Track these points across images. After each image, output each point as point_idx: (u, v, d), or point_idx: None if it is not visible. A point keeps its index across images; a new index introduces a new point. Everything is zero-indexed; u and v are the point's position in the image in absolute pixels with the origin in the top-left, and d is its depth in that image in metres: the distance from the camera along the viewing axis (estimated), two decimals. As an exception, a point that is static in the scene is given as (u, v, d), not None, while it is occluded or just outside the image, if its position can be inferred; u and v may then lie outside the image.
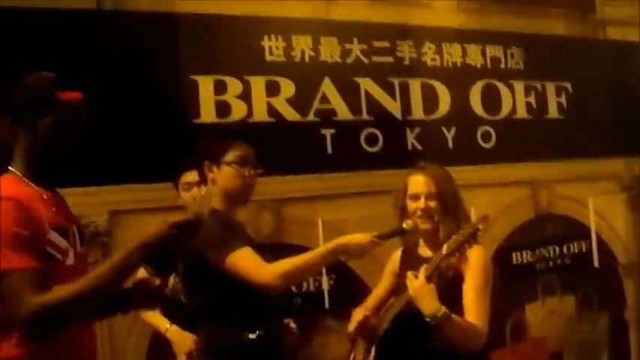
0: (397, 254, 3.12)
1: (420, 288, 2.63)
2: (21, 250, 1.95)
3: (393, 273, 3.08)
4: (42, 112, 2.12)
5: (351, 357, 2.95)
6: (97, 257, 4.01)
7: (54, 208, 2.13)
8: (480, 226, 2.73)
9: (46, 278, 1.96)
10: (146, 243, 1.99)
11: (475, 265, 2.78)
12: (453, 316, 2.61)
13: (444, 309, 2.58)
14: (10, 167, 2.14)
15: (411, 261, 2.95)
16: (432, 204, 2.85)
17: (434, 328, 2.62)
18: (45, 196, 2.12)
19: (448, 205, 2.85)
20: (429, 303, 2.61)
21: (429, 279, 2.65)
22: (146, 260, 2.06)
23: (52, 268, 2.02)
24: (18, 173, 2.12)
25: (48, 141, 2.12)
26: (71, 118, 2.17)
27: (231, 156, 2.88)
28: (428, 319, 2.59)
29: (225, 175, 2.88)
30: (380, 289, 3.12)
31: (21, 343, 1.97)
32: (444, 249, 2.69)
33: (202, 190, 3.36)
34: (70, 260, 2.11)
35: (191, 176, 3.51)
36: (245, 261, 2.72)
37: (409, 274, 2.70)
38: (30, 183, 2.11)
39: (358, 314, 2.94)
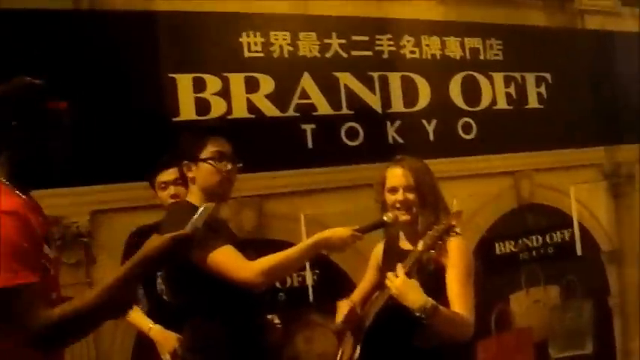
0: (379, 248, 3.14)
1: (402, 285, 2.64)
2: (28, 264, 1.97)
3: (376, 266, 3.10)
4: (27, 120, 2.12)
5: (340, 353, 2.96)
6: (78, 258, 4.00)
7: (40, 217, 2.15)
8: (454, 222, 2.76)
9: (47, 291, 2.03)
10: (149, 256, 2.03)
11: (455, 256, 2.80)
12: (441, 307, 2.62)
13: (430, 301, 2.60)
14: None
15: (392, 254, 2.97)
16: (410, 196, 2.88)
17: (420, 324, 2.62)
18: (32, 206, 2.15)
19: (426, 197, 2.88)
20: (414, 297, 2.62)
21: (408, 275, 2.66)
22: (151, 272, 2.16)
23: (46, 279, 2.05)
24: (5, 181, 2.11)
25: (31, 148, 2.13)
26: (58, 126, 2.18)
27: (207, 152, 2.88)
28: (417, 314, 2.60)
29: (202, 172, 2.88)
30: (365, 282, 3.15)
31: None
32: (420, 245, 2.71)
33: (179, 189, 3.37)
34: (53, 269, 2.15)
35: (167, 175, 3.53)
36: (226, 259, 2.73)
37: (389, 274, 2.72)
38: (19, 194, 2.11)
39: (344, 306, 2.95)
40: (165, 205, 3.51)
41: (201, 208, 2.18)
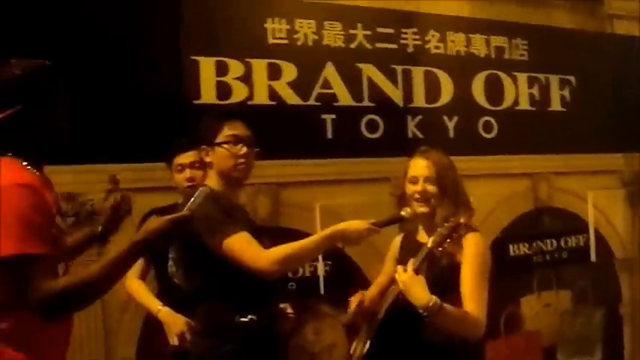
0: (397, 240, 3.12)
1: (408, 280, 2.62)
2: (39, 236, 2.08)
3: (393, 259, 3.08)
4: (32, 96, 2.23)
5: (353, 346, 2.95)
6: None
7: (53, 193, 2.29)
8: (462, 220, 2.72)
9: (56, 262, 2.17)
10: (148, 238, 2.19)
11: (471, 252, 2.78)
12: (445, 305, 2.59)
13: (434, 299, 2.57)
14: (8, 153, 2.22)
15: (409, 247, 2.96)
16: (430, 188, 2.86)
17: (427, 320, 2.60)
18: (45, 181, 2.26)
19: (446, 191, 2.85)
20: (419, 294, 2.60)
21: (417, 271, 2.63)
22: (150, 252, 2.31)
23: (57, 249, 2.20)
24: (18, 158, 2.21)
25: (41, 125, 2.24)
26: (62, 104, 2.33)
27: (222, 136, 2.87)
28: (420, 311, 2.58)
29: (218, 156, 2.87)
30: (383, 275, 3.13)
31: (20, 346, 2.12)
32: (429, 242, 2.69)
33: (195, 172, 3.39)
34: (64, 242, 2.34)
35: (185, 158, 3.52)
36: (242, 246, 2.71)
37: (398, 268, 2.70)
38: (32, 169, 2.22)
39: (354, 299, 2.94)
40: (181, 187, 3.52)
41: (197, 192, 2.31)
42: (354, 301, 2.97)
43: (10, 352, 2.12)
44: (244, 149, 2.88)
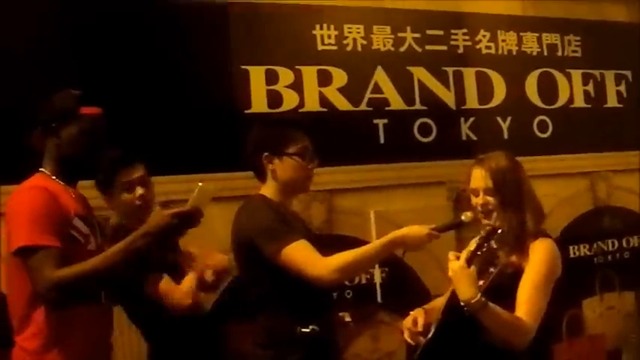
0: (473, 243, 3.03)
1: (459, 270, 2.54)
2: (47, 230, 2.32)
3: None
4: (65, 122, 2.52)
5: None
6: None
7: (79, 203, 2.54)
8: (497, 224, 2.64)
9: (69, 257, 2.32)
10: (150, 231, 2.32)
11: (536, 259, 2.68)
12: (491, 305, 2.50)
13: (479, 296, 2.48)
14: (40, 169, 2.55)
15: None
16: (490, 199, 2.76)
17: (468, 315, 2.52)
18: (72, 193, 2.54)
19: (506, 199, 2.75)
20: (465, 287, 2.51)
21: (469, 262, 2.55)
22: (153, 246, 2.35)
23: (76, 249, 2.40)
24: (47, 172, 2.53)
25: (70, 147, 2.52)
26: (91, 128, 2.55)
27: (294, 147, 2.83)
28: (462, 304, 2.50)
29: (286, 166, 2.83)
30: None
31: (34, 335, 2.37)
32: (472, 245, 2.61)
33: (144, 190, 3.14)
34: (92, 246, 2.50)
35: (132, 173, 3.13)
36: (301, 254, 2.67)
37: (450, 254, 2.62)
38: (58, 180, 2.52)
39: (408, 320, 2.83)
40: (128, 209, 3.12)
41: (199, 186, 2.36)
42: (408, 320, 2.88)
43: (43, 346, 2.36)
44: (315, 163, 2.87)
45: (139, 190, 3.11)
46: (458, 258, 2.57)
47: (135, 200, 3.11)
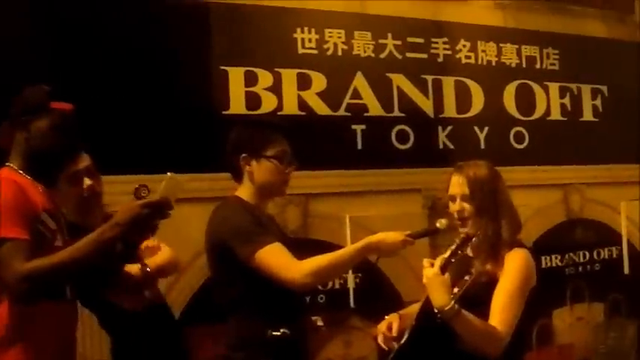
0: (448, 250, 3.03)
1: (433, 277, 2.54)
2: (16, 222, 2.28)
3: None
4: (35, 116, 2.48)
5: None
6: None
7: (47, 198, 2.47)
8: (471, 231, 2.65)
9: (36, 252, 2.27)
10: (120, 222, 2.25)
11: (511, 269, 2.69)
12: (465, 313, 2.50)
13: (452, 304, 2.49)
14: (7, 163, 2.49)
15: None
16: (467, 206, 2.77)
17: (441, 322, 2.53)
18: (40, 188, 2.47)
19: (482, 207, 2.76)
20: (439, 294, 2.52)
21: (443, 269, 2.56)
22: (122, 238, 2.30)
23: (43, 245, 2.34)
24: (14, 167, 2.47)
25: (39, 141, 2.47)
26: (61, 123, 2.50)
27: (272, 150, 2.82)
28: (435, 311, 2.51)
29: (264, 169, 2.82)
30: None
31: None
32: (446, 253, 2.61)
33: (93, 180, 3.01)
34: (59, 242, 2.44)
35: (80, 163, 2.95)
36: (275, 257, 2.67)
37: (425, 261, 2.62)
38: (25, 175, 2.46)
39: (382, 325, 2.84)
40: (77, 203, 2.96)
41: (167, 176, 2.31)
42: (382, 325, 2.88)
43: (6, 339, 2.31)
44: (293, 167, 2.86)
45: (87, 181, 2.96)
46: (432, 265, 2.58)
47: (82, 192, 2.95)
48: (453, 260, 2.56)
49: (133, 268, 2.90)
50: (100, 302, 2.98)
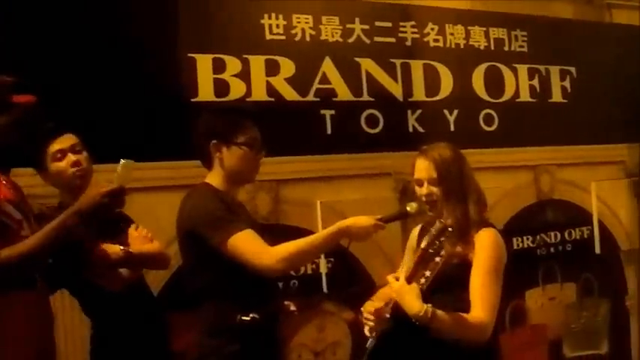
0: (416, 230, 3.04)
1: (400, 289, 2.56)
2: None
3: (412, 250, 3.00)
4: None
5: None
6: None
7: (11, 189, 2.52)
8: (449, 221, 2.65)
9: (1, 242, 2.34)
10: (81, 210, 2.39)
11: (482, 249, 2.70)
12: (439, 312, 2.52)
13: (425, 308, 2.50)
14: None
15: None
16: (434, 189, 2.78)
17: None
18: (2, 179, 2.52)
19: (450, 190, 2.77)
20: (410, 304, 2.53)
21: (410, 278, 2.57)
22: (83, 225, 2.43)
23: (8, 235, 2.40)
24: None
25: (2, 136, 2.50)
26: (24, 117, 2.53)
27: (243, 137, 2.82)
28: (412, 319, 2.52)
29: (234, 156, 2.83)
30: (401, 267, 3.04)
31: None
32: (422, 243, 2.61)
33: (78, 156, 3.01)
34: (26, 232, 2.47)
35: (62, 142, 2.99)
36: (247, 244, 2.68)
37: (389, 277, 2.63)
38: None
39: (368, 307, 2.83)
40: (65, 176, 2.98)
41: (122, 163, 2.44)
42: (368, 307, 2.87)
43: None
44: (263, 154, 2.86)
45: (72, 157, 2.97)
46: (397, 279, 2.59)
47: (68, 168, 2.96)
48: (431, 251, 2.56)
49: (114, 249, 2.92)
50: (81, 284, 2.97)
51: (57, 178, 2.99)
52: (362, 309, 2.79)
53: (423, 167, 2.81)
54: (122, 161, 2.44)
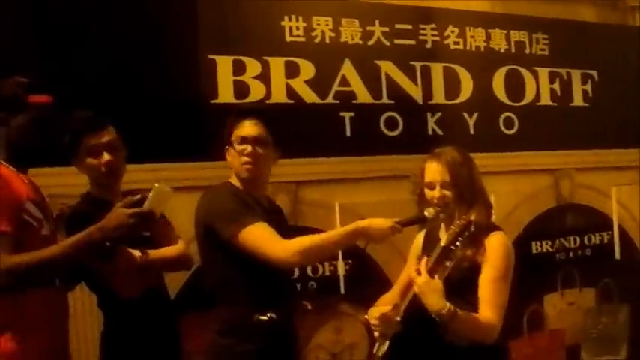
0: (420, 237, 3.05)
1: (424, 285, 2.56)
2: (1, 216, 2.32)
3: (416, 256, 3.00)
4: (14, 112, 2.50)
5: (375, 347, 2.88)
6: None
7: (32, 189, 2.53)
8: (473, 217, 2.65)
9: (23, 242, 2.35)
10: (106, 227, 2.33)
11: (492, 254, 2.70)
12: (459, 312, 2.54)
13: (448, 306, 2.51)
14: None
15: (431, 244, 2.88)
16: (447, 193, 2.77)
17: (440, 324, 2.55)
18: (24, 178, 2.53)
19: (462, 193, 2.77)
20: (433, 300, 2.54)
21: (432, 271, 2.57)
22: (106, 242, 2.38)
23: (29, 233, 2.41)
24: None
25: (20, 136, 2.51)
26: (41, 116, 2.53)
27: (233, 137, 2.84)
28: (434, 316, 2.52)
29: (232, 156, 2.86)
30: (405, 272, 3.05)
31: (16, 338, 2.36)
32: (442, 241, 2.61)
33: (111, 156, 2.96)
34: (46, 230, 2.50)
35: (99, 137, 2.94)
36: (259, 236, 2.68)
37: (412, 270, 2.63)
38: (9, 166, 2.49)
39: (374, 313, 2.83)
40: (96, 176, 2.96)
41: (155, 187, 2.36)
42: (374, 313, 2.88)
43: None
44: (248, 149, 2.83)
45: (106, 156, 2.92)
46: (419, 272, 2.59)
47: (100, 166, 2.92)
48: (453, 247, 2.57)
49: (133, 255, 2.90)
50: (98, 287, 3.00)
51: (87, 172, 2.98)
52: (366, 316, 2.81)
53: (435, 170, 2.81)
54: (156, 185, 2.40)
